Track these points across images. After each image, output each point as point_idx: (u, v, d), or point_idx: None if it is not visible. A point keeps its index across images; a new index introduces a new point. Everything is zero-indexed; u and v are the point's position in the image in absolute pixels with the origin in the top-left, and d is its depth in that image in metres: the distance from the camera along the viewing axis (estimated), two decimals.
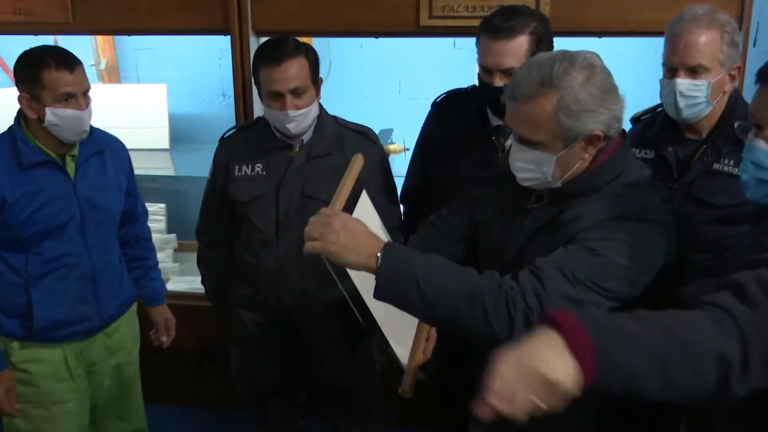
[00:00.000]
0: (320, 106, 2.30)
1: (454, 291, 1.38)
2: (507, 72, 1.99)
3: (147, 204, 2.63)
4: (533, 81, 1.44)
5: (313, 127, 2.26)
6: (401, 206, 2.52)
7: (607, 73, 1.47)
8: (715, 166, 2.02)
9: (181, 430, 3.28)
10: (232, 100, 3.39)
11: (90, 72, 3.81)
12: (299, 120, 2.18)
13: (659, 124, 2.16)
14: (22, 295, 2.19)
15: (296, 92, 2.14)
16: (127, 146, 2.45)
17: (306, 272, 2.24)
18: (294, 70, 2.12)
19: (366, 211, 1.74)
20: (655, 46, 3.44)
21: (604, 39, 2.70)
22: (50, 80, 2.08)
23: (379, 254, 1.40)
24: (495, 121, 2.16)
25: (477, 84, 2.18)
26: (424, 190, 2.41)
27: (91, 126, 2.24)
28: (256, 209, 2.26)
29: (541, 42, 2.02)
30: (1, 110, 2.81)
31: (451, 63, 3.89)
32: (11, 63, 2.57)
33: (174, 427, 3.29)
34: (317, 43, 3.52)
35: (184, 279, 3.27)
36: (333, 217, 1.43)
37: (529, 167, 1.52)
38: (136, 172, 2.48)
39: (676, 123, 2.09)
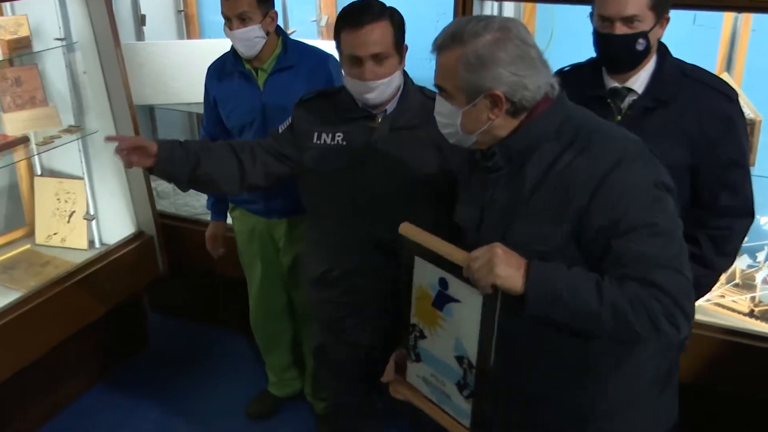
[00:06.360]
0: (405, 75, 2.15)
1: (597, 308, 1.44)
2: (628, 20, 1.95)
3: None
4: (447, 34, 1.55)
5: (397, 97, 2.12)
6: None
7: (524, 41, 1.51)
8: None
9: None
10: None
11: (311, 28, 3.96)
12: (380, 89, 2.06)
13: None
14: None
15: (377, 58, 2.02)
16: None
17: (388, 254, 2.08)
18: (376, 34, 2.01)
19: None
20: None
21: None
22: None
23: (525, 271, 1.45)
24: (610, 83, 2.05)
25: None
26: None
27: (293, 44, 2.74)
28: (334, 182, 2.18)
29: None
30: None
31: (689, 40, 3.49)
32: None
33: None
34: (540, 9, 3.30)
35: None
36: (494, 247, 1.45)
37: (444, 120, 1.62)
38: None
39: None
